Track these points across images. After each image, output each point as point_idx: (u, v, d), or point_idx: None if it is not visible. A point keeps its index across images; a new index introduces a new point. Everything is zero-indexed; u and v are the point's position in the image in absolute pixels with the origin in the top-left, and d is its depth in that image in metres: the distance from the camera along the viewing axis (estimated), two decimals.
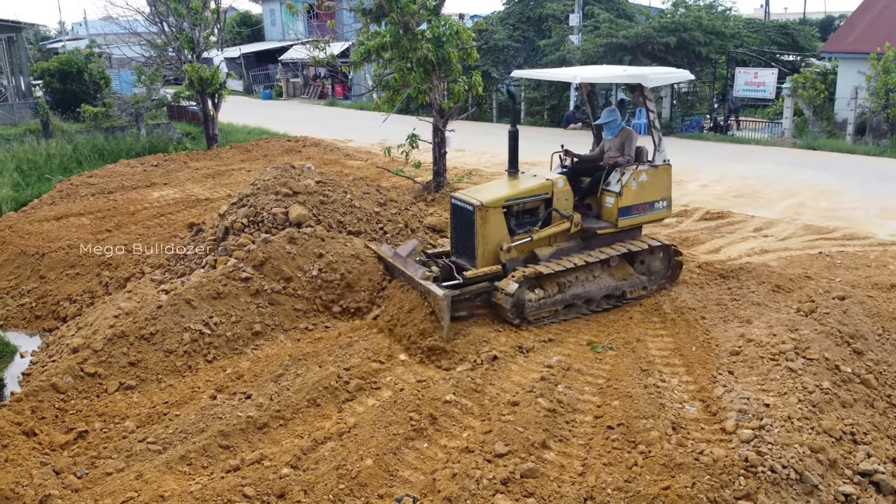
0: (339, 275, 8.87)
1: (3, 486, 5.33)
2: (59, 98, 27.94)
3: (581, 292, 8.46)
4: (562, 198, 8.60)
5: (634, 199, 8.73)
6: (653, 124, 8.90)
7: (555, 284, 8.34)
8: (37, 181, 19.32)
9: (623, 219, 8.74)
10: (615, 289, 8.67)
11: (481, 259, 8.35)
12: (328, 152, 20.94)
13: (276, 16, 50.33)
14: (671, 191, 9.16)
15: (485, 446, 5.68)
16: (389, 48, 13.88)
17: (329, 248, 9.15)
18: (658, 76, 9.16)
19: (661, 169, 8.95)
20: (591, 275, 8.56)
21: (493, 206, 8.29)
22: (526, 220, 8.65)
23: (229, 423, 6.26)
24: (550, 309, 8.31)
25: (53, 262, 11.84)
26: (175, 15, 22.28)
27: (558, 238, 8.66)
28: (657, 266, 9.16)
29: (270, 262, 8.81)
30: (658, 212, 9.07)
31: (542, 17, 29.07)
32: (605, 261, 8.60)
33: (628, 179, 8.65)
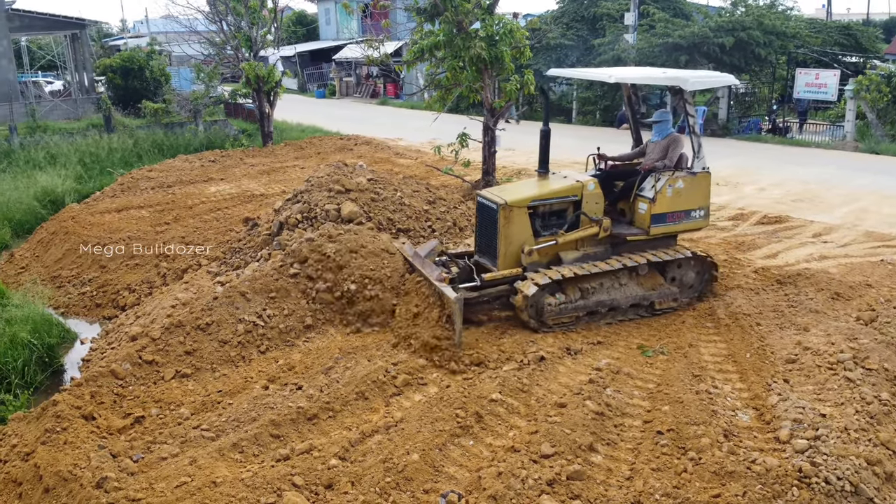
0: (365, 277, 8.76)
1: (61, 467, 5.53)
2: (121, 94, 28.81)
3: (605, 300, 8.20)
4: (591, 201, 8.36)
5: (669, 206, 8.41)
6: (692, 129, 8.55)
7: (577, 290, 8.09)
8: (99, 174, 20.02)
9: (656, 226, 8.42)
10: (643, 298, 8.35)
11: (502, 260, 8.18)
12: (379, 150, 21.12)
13: (331, 15, 50.99)
14: (709, 200, 8.81)
15: (531, 446, 5.66)
16: (442, 47, 13.93)
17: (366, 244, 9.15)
18: (699, 79, 8.79)
19: (699, 177, 8.58)
20: (618, 282, 8.27)
21: (517, 205, 8.10)
22: (552, 223, 8.44)
23: (280, 412, 6.37)
24: (571, 314, 8.08)
25: (114, 253, 12.24)
26: (234, 14, 22.78)
27: (586, 242, 8.40)
28: (690, 278, 8.76)
29: (312, 260, 8.88)
30: (694, 221, 8.69)
31: (597, 15, 28.78)
32: (632, 269, 8.29)
33: (663, 185, 8.34)
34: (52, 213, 15.71)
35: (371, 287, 8.55)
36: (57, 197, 16.87)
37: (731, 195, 14.74)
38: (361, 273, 8.67)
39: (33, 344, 8.71)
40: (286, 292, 8.55)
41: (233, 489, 5.30)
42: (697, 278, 8.80)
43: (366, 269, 8.69)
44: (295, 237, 9.49)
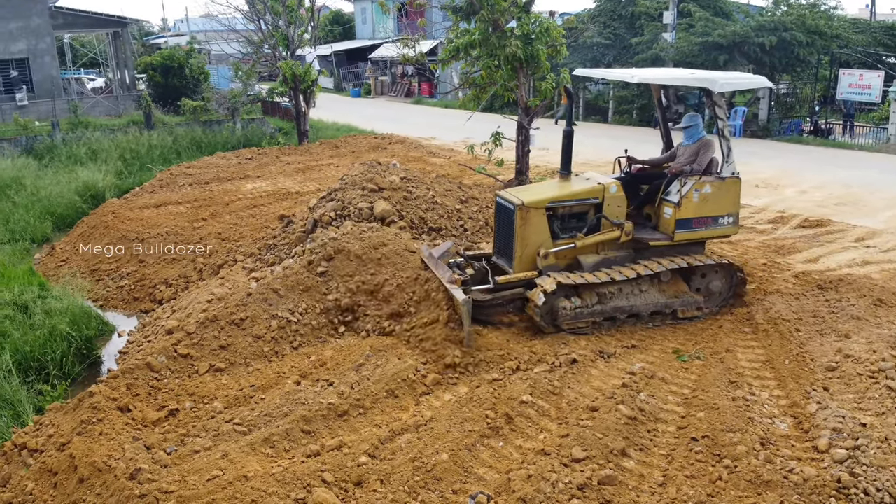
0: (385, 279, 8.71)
1: (96, 458, 5.62)
2: (161, 91, 29.32)
3: (624, 305, 7.98)
4: (613, 204, 8.16)
5: (695, 211, 8.17)
6: (721, 133, 8.27)
7: (594, 294, 7.90)
8: (138, 170, 20.43)
9: (680, 232, 8.17)
10: (664, 306, 8.12)
11: (518, 262, 8.03)
12: (412, 149, 21.16)
13: (368, 14, 51.26)
14: (739, 206, 8.53)
15: (562, 450, 5.60)
16: (478, 45, 13.87)
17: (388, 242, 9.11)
18: (728, 81, 8.40)
19: (728, 182, 8.29)
20: (638, 288, 8.04)
21: (535, 206, 7.94)
22: (572, 225, 8.26)
23: (311, 408, 6.39)
24: (587, 319, 7.90)
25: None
26: (271, 13, 23.03)
27: (607, 246, 8.20)
28: (717, 286, 8.46)
29: (338, 259, 8.89)
30: (722, 227, 8.41)
31: (635, 14, 28.45)
32: (654, 275, 8.04)
33: (689, 190, 8.10)
34: (92, 207, 16.07)
35: (389, 286, 8.53)
36: (97, 192, 17.26)
37: (772, 197, 14.44)
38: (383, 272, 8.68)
39: (72, 336, 8.89)
40: (316, 289, 8.59)
41: (263, 484, 5.33)
42: (724, 287, 8.53)
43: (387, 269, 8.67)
44: (319, 236, 9.56)
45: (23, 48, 28.27)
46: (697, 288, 8.38)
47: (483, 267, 8.28)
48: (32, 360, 8.34)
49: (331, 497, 5.13)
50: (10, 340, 8.39)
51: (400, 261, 8.79)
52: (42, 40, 28.67)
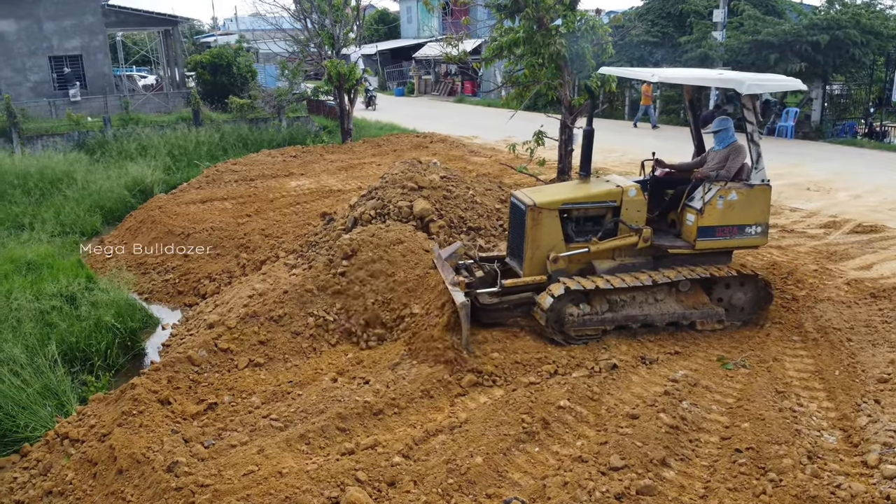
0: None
1: (135, 449, 5.71)
2: (210, 89, 29.83)
3: (637, 314, 7.69)
4: (632, 208, 7.85)
5: (720, 219, 7.78)
6: (750, 138, 7.81)
7: (605, 301, 7.64)
8: (186, 166, 20.83)
9: (702, 240, 7.80)
10: (682, 317, 7.78)
11: (528, 265, 7.81)
12: (453, 148, 21.12)
13: (413, 13, 51.42)
14: (768, 216, 8.08)
15: (599, 457, 5.47)
16: (522, 44, 13.75)
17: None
18: (758, 83, 7.76)
19: (757, 189, 7.88)
20: (653, 297, 7.73)
21: (547, 207, 7.70)
22: (588, 229, 7.99)
23: (347, 406, 6.39)
24: (596, 327, 7.63)
25: (197, 242, 12.66)
26: (318, 12, 23.24)
27: (623, 252, 7.90)
28: (740, 299, 8.06)
29: (355, 258, 8.87)
30: (749, 238, 7.98)
31: (684, 12, 27.92)
32: (671, 284, 7.72)
33: (713, 196, 7.73)
34: (140, 202, 16.43)
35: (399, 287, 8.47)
36: (146, 187, 17.64)
37: (824, 201, 13.97)
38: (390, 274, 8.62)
39: (117, 328, 9.06)
40: (347, 289, 8.58)
41: (298, 480, 5.33)
42: (749, 300, 8.11)
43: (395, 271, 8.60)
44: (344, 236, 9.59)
45: (76, 45, 29.08)
46: (719, 299, 8.03)
47: (493, 269, 8.09)
48: (78, 351, 8.52)
49: (364, 496, 5.10)
50: (57, 331, 8.59)
51: (414, 258, 8.76)
52: (95, 38, 29.45)
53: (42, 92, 28.34)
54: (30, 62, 28.35)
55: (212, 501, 5.07)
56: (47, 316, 9.00)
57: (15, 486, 5.93)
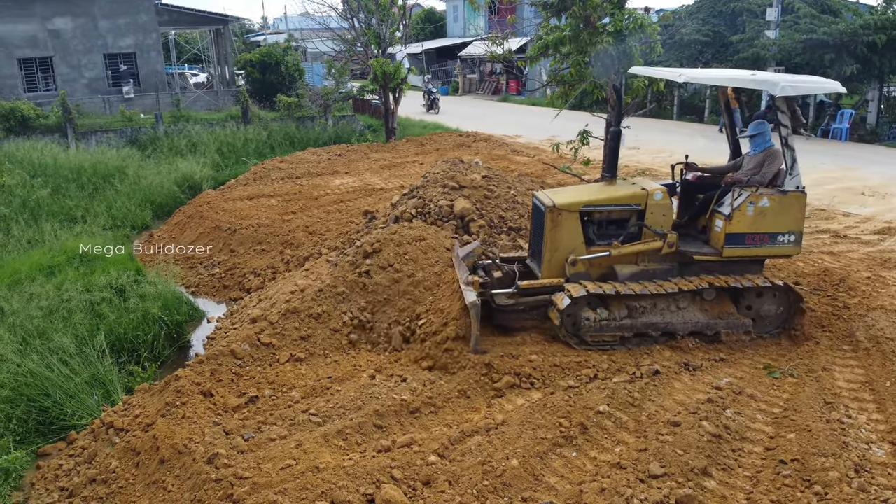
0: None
1: (177, 440, 5.83)
2: (258, 87, 30.30)
3: (658, 322, 7.44)
4: (658, 212, 7.60)
5: (749, 226, 7.44)
6: (785, 142, 7.43)
7: (624, 307, 7.40)
8: (234, 163, 21.22)
9: (730, 248, 7.48)
10: (706, 327, 7.51)
11: (546, 267, 7.64)
12: (496, 147, 21.05)
13: (459, 12, 51.43)
14: (802, 224, 7.67)
15: (638, 465, 5.37)
16: (568, 42, 13.62)
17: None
18: (793, 85, 7.31)
19: (790, 196, 7.48)
20: (675, 305, 7.48)
21: (567, 209, 7.51)
22: (610, 232, 7.77)
23: (384, 403, 6.41)
24: (614, 333, 7.41)
25: (243, 238, 12.87)
26: (365, 11, 23.41)
27: (647, 258, 7.64)
28: (769, 310, 7.71)
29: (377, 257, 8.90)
30: (781, 247, 7.60)
31: (736, 11, 27.28)
32: (696, 292, 7.45)
33: (743, 202, 7.40)
34: (189, 197, 16.79)
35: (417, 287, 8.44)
36: (195, 183, 18.03)
37: (879, 206, 13.49)
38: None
39: (163, 320, 9.27)
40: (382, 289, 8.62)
41: (334, 476, 5.36)
42: (780, 311, 7.76)
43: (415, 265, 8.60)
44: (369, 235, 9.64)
45: (130, 43, 29.87)
46: (748, 306, 7.70)
47: (512, 270, 7.96)
48: (125, 342, 8.73)
49: (399, 495, 5.10)
50: (106, 322, 8.82)
51: (435, 256, 8.74)
52: (148, 36, 30.21)
53: (97, 88, 29.19)
54: (85, 59, 29.23)
55: (250, 494, 5.13)
56: (97, 307, 9.26)
57: (60, 473, 6.12)
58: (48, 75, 29.00)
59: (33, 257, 11.04)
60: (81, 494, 5.72)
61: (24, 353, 7.50)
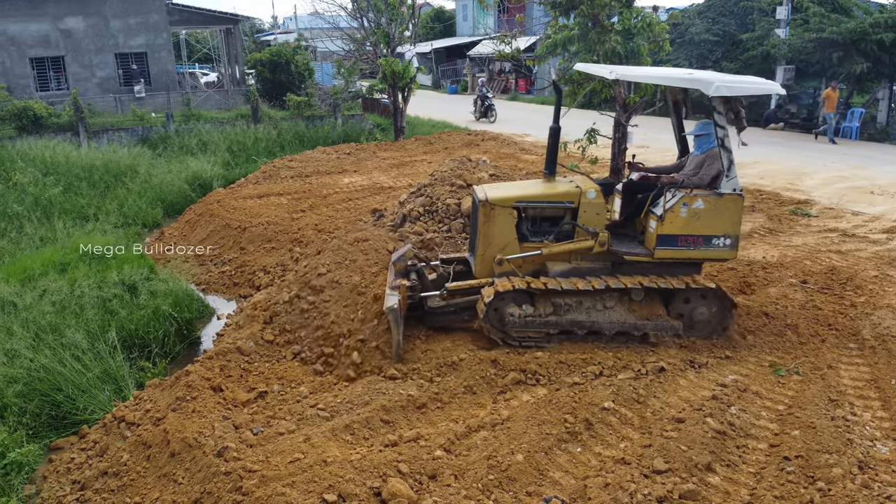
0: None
1: (187, 434, 5.91)
2: (269, 87, 30.44)
3: (583, 320, 7.39)
4: (591, 211, 7.53)
5: (682, 228, 7.31)
6: (721, 143, 7.27)
7: (549, 304, 7.37)
8: (244, 161, 21.35)
9: (662, 249, 7.36)
10: (633, 327, 7.41)
11: (480, 262, 7.64)
12: (505, 146, 21.07)
13: (468, 11, 51.46)
14: (739, 227, 7.49)
15: (642, 460, 5.41)
16: (576, 41, 13.66)
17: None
18: (728, 84, 7.07)
19: (727, 199, 7.30)
20: (602, 304, 7.40)
21: (500, 203, 7.48)
22: (545, 229, 7.73)
23: (391, 399, 6.46)
24: (539, 331, 7.40)
25: (253, 236, 12.97)
26: (374, 10, 23.50)
27: (580, 256, 7.60)
28: (702, 314, 7.55)
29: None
30: (716, 250, 7.43)
31: (746, 9, 27.20)
32: (623, 292, 7.39)
33: (675, 203, 7.27)
34: (200, 196, 16.91)
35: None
36: (205, 181, 18.16)
37: (888, 205, 13.45)
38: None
39: (174, 317, 9.37)
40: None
41: (341, 470, 5.42)
42: (713, 316, 7.59)
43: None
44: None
45: (141, 43, 30.09)
46: (680, 314, 7.57)
47: (446, 271, 7.95)
48: (136, 338, 8.84)
49: (405, 488, 5.16)
50: (117, 318, 8.93)
51: (375, 256, 8.77)
52: (159, 35, 30.41)
53: (108, 88, 29.41)
54: (97, 59, 29.46)
55: (259, 487, 5.20)
56: (109, 304, 9.36)
57: (72, 467, 6.21)
58: (60, 75, 29.23)
59: (45, 254, 11.17)
60: (93, 487, 5.81)
61: (36, 349, 7.62)
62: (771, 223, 12.22)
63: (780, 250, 10.61)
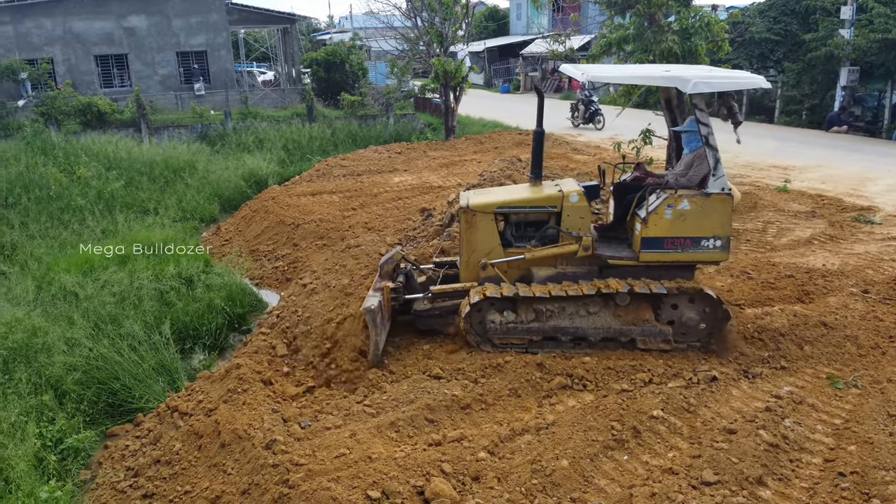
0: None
1: (238, 425, 6.04)
2: (323, 86, 30.86)
3: (567, 327, 7.27)
4: (574, 215, 7.41)
5: (668, 230, 7.09)
6: (706, 142, 7.08)
7: (531, 310, 7.28)
8: (299, 160, 21.71)
9: (647, 252, 7.17)
10: (619, 333, 7.27)
11: (464, 268, 7.61)
12: (556, 146, 20.89)
13: (522, 10, 51.21)
14: (729, 228, 7.26)
15: (691, 471, 5.30)
16: (632, 40, 13.46)
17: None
18: (707, 81, 6.88)
19: (714, 199, 7.07)
20: (586, 310, 7.26)
21: (481, 210, 7.45)
22: (529, 234, 7.67)
23: (436, 398, 6.48)
24: (522, 337, 7.32)
25: (305, 233, 13.16)
26: (428, 10, 23.59)
27: (565, 260, 7.48)
28: (691, 319, 7.31)
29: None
30: (706, 252, 7.16)
31: (810, 9, 26.33)
32: (608, 297, 7.24)
33: (659, 205, 7.06)
34: (255, 192, 17.25)
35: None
36: (261, 178, 18.53)
37: None
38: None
39: (226, 310, 9.59)
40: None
41: (385, 467, 5.45)
42: (704, 321, 7.34)
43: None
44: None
45: (202, 42, 30.89)
46: (670, 321, 7.35)
47: (434, 274, 7.94)
48: (191, 329, 9.08)
49: (448, 488, 5.17)
50: (173, 310, 9.18)
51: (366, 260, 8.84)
52: (219, 35, 31.16)
53: (169, 85, 30.28)
54: (159, 57, 30.36)
55: (305, 480, 5.28)
56: (165, 296, 9.64)
57: (126, 453, 6.42)
58: (123, 72, 30.24)
59: (106, 246, 11.54)
60: (146, 474, 5.99)
61: (96, 338, 7.88)
62: (832, 230, 11.81)
63: (840, 258, 10.24)
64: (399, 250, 8.44)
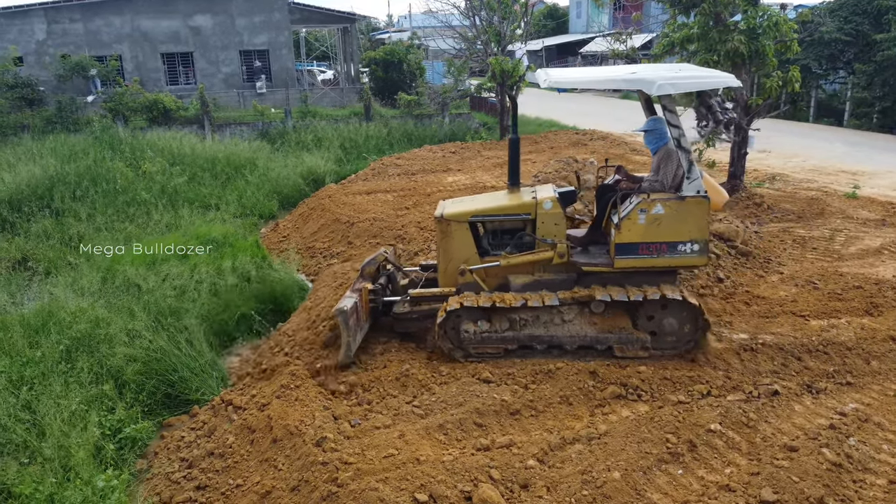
0: None
1: (289, 421, 6.11)
2: (381, 85, 31.10)
3: (542, 335, 7.18)
4: (549, 221, 7.30)
5: (643, 235, 6.94)
6: (678, 143, 6.91)
7: (505, 320, 7.20)
8: (355, 158, 21.95)
9: (621, 258, 7.04)
10: (595, 341, 7.14)
11: (442, 276, 7.59)
12: (614, 146, 20.54)
13: (583, 8, 50.64)
14: (706, 232, 7.05)
15: (749, 489, 5.11)
16: (696, 40, 13.12)
17: None
18: (673, 82, 6.69)
19: (689, 202, 6.89)
20: (560, 318, 7.17)
21: (455, 219, 7.45)
22: (506, 242, 7.63)
23: (485, 402, 6.44)
24: (497, 346, 7.25)
25: (360, 231, 13.27)
26: (487, 9, 23.50)
27: (542, 268, 7.40)
28: (672, 326, 7.16)
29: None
30: (682, 257, 7.02)
31: (882, 9, 25.21)
32: (583, 304, 7.13)
33: (632, 210, 6.91)
34: (313, 190, 17.52)
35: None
36: (318, 176, 18.82)
37: None
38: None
39: (282, 305, 9.73)
40: None
41: (433, 469, 5.43)
42: (684, 328, 7.17)
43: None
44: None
45: (264, 40, 31.51)
46: (653, 332, 7.20)
47: (416, 278, 7.94)
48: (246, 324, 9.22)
49: (496, 495, 5.11)
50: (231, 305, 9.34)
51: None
52: (281, 34, 31.74)
53: (232, 83, 31.00)
54: (222, 55, 31.12)
55: (353, 479, 5.30)
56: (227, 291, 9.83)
57: (182, 445, 6.56)
58: (188, 69, 31.10)
59: (169, 240, 11.88)
60: (200, 466, 6.11)
61: (156, 331, 8.09)
62: None
63: None
64: (383, 252, 8.55)
